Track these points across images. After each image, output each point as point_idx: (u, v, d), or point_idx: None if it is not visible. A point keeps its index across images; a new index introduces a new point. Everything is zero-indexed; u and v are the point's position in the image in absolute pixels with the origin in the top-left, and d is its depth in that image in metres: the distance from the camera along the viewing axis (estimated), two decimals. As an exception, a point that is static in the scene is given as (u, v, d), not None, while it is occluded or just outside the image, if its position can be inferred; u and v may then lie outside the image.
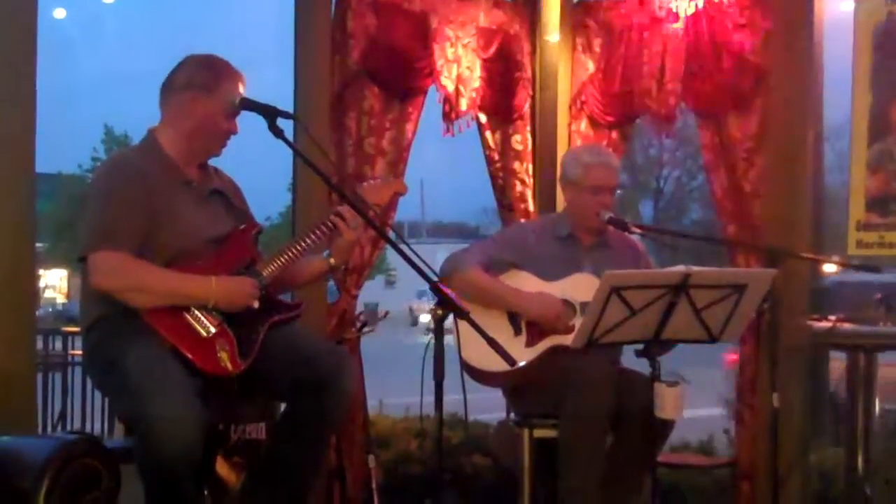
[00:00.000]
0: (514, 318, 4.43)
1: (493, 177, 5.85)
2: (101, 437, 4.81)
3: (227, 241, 3.71)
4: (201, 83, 3.66)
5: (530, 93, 5.89)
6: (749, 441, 5.13)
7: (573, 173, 4.55)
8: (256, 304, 3.60)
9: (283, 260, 3.72)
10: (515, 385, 4.51)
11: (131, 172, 3.60)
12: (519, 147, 5.85)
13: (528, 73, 5.86)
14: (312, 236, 3.79)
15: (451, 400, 3.27)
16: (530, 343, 4.40)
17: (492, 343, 3.01)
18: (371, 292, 8.57)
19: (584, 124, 5.81)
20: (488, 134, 5.77)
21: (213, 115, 3.67)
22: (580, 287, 4.37)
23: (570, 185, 4.58)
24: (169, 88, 3.72)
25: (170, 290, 3.50)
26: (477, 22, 5.55)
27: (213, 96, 3.65)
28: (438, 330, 3.05)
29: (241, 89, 3.68)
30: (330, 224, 3.81)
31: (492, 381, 4.43)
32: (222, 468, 3.74)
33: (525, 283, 4.47)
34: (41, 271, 34.01)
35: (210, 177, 3.82)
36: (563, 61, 5.90)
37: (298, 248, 3.76)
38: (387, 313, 5.07)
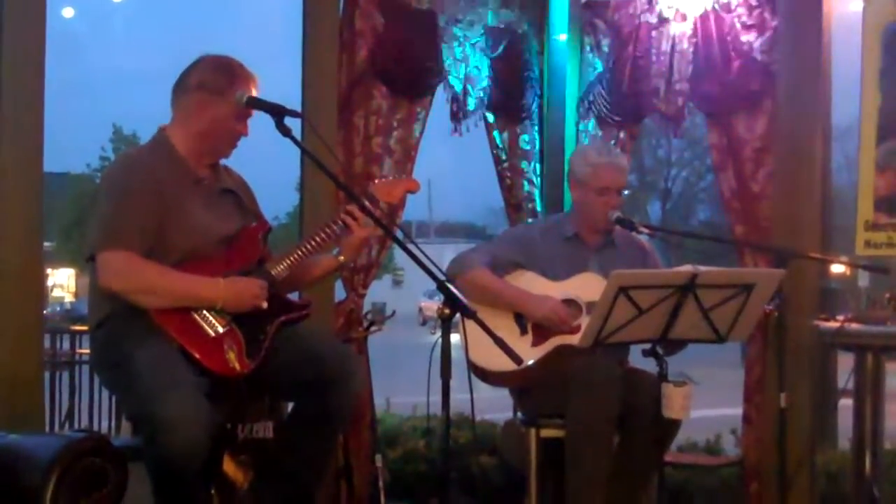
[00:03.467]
0: (520, 318, 4.43)
1: (500, 176, 5.85)
2: (108, 436, 4.82)
3: (237, 240, 3.71)
4: (214, 85, 3.66)
5: (538, 92, 5.89)
6: (756, 441, 5.12)
7: (581, 173, 4.53)
8: (265, 305, 3.60)
9: (292, 259, 3.72)
10: (522, 385, 4.51)
11: (142, 171, 3.60)
12: (527, 147, 5.86)
13: (537, 73, 5.87)
14: (322, 235, 3.79)
15: (459, 399, 3.27)
16: (536, 343, 4.40)
17: (498, 342, 3.01)
18: (378, 292, 8.57)
19: (592, 124, 5.80)
20: (496, 133, 5.78)
21: (224, 118, 3.67)
22: (586, 287, 4.37)
23: (578, 185, 4.56)
24: (181, 88, 3.72)
25: (177, 292, 3.50)
26: (485, 21, 5.56)
27: (225, 99, 3.65)
28: (445, 329, 3.06)
29: (254, 92, 3.67)
30: (340, 223, 3.81)
31: (498, 381, 4.42)
32: (230, 467, 3.74)
33: (531, 283, 4.46)
34: (49, 270, 34.10)
35: (220, 176, 3.82)
36: (571, 61, 5.90)
37: (308, 247, 3.76)
38: (394, 313, 5.06)
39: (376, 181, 4.05)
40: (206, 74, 3.69)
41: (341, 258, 3.94)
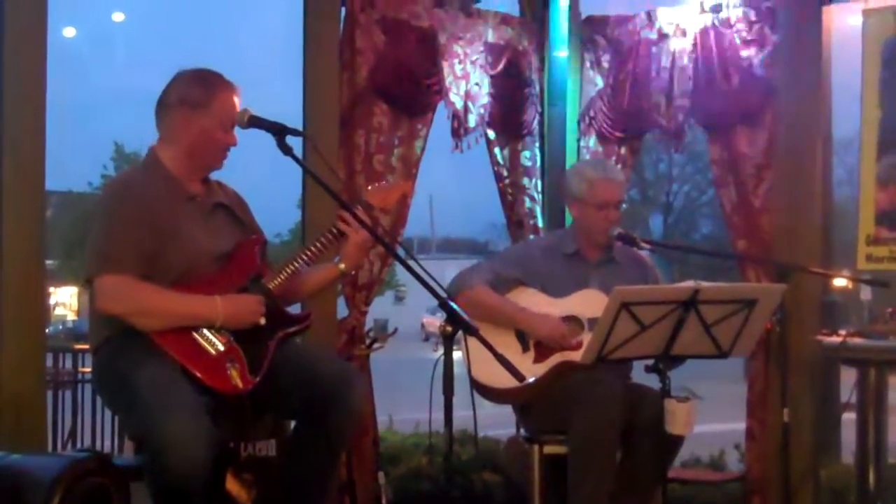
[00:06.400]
0: (521, 335, 4.42)
1: (501, 193, 5.85)
2: (111, 455, 4.81)
3: (234, 256, 3.70)
4: (194, 99, 3.64)
5: (539, 109, 5.90)
6: (760, 456, 5.11)
7: (578, 189, 4.53)
8: (263, 321, 3.60)
9: (288, 271, 3.71)
10: (525, 401, 4.51)
11: (134, 193, 3.59)
12: (528, 163, 5.86)
13: (537, 89, 5.88)
14: (318, 244, 3.77)
15: (461, 416, 3.26)
16: (538, 359, 4.39)
17: (501, 359, 3.01)
18: (381, 308, 8.55)
19: (592, 140, 5.81)
20: (497, 150, 5.78)
21: (210, 130, 3.65)
22: (588, 303, 4.37)
23: (576, 202, 4.56)
24: (163, 107, 3.70)
25: (175, 312, 3.49)
26: (485, 38, 5.57)
27: (208, 111, 3.64)
28: (448, 346, 3.05)
29: (236, 101, 3.67)
30: (334, 230, 3.80)
31: (501, 398, 4.42)
32: (233, 485, 3.73)
33: (532, 300, 4.46)
34: (51, 288, 34.09)
35: (214, 191, 3.80)
36: (571, 77, 5.91)
37: (304, 256, 3.74)
38: (396, 330, 5.06)
39: (370, 188, 4.04)
40: (185, 89, 3.67)
41: (341, 266, 3.89)
